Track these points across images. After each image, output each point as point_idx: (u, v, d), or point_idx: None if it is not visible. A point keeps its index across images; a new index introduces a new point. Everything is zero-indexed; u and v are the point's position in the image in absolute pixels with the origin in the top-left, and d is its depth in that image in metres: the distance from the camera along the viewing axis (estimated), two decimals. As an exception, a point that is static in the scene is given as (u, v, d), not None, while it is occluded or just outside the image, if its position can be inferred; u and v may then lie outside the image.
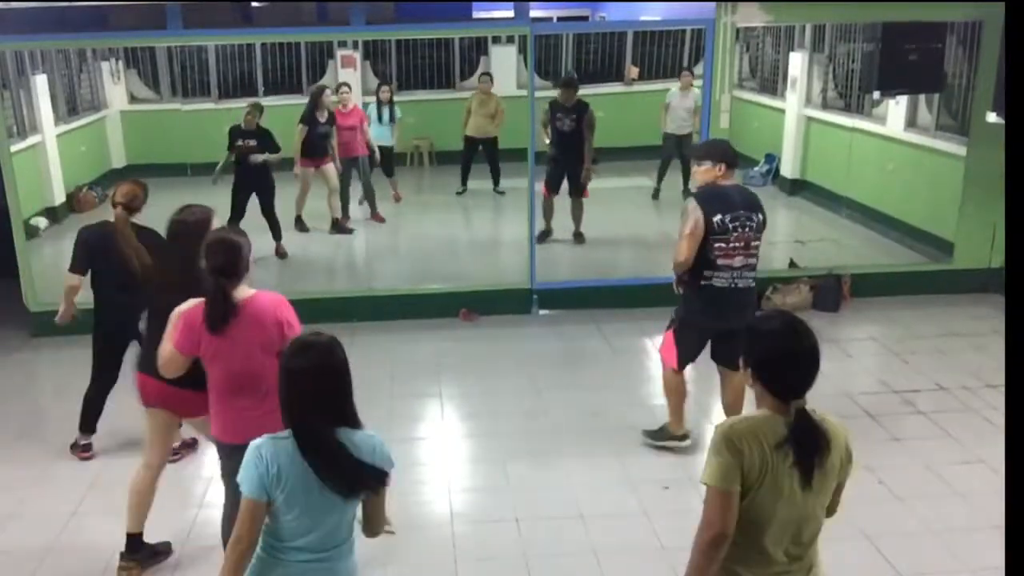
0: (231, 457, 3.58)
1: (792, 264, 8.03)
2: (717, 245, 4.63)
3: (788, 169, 10.95)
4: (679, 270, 4.77)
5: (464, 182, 11.10)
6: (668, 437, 5.21)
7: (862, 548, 4.29)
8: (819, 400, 2.59)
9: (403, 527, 2.85)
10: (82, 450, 5.37)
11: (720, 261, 4.66)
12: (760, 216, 4.72)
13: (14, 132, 9.16)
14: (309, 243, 9.94)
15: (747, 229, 4.66)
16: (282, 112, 9.80)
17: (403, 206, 10.71)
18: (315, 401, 2.57)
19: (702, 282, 4.71)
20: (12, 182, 6.97)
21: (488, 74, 11.35)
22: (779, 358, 2.48)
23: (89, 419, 5.36)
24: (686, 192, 10.51)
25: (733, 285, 4.70)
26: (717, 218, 4.61)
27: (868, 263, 8.20)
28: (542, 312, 7.53)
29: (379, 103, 10.21)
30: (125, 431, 5.56)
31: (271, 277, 8.48)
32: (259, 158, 8.49)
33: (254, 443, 2.61)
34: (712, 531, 2.42)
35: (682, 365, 5.01)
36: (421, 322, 7.30)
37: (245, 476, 2.57)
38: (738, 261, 4.67)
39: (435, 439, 5.52)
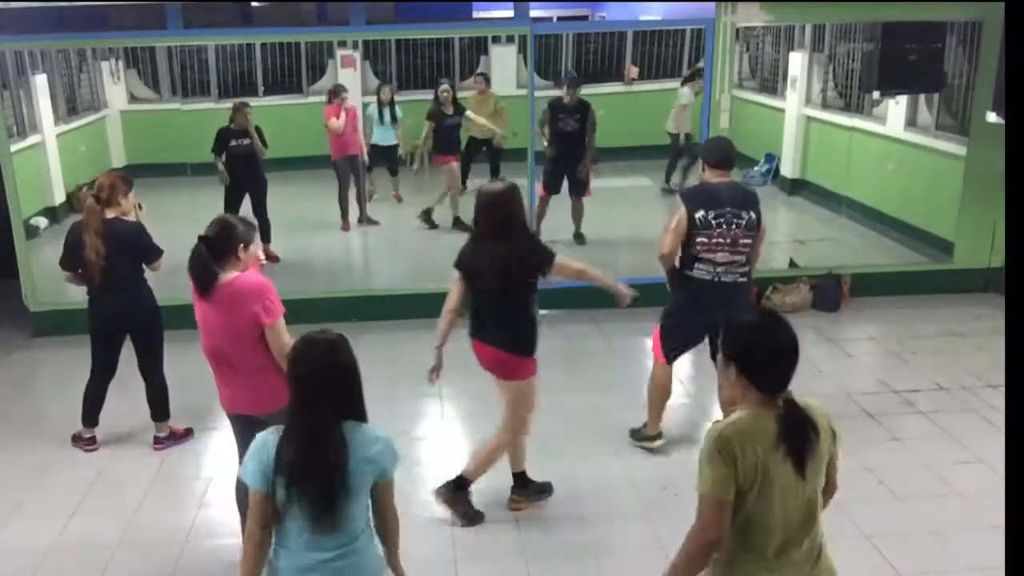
0: (234, 425, 4.07)
1: (792, 264, 8.03)
2: (699, 240, 4.73)
3: (788, 169, 10.95)
4: (663, 263, 4.91)
5: (463, 182, 11.09)
6: (642, 437, 5.25)
7: (862, 548, 4.29)
8: (819, 400, 2.60)
9: (403, 527, 2.85)
10: (86, 443, 5.41)
11: (702, 255, 4.76)
12: (751, 214, 4.76)
13: (14, 132, 9.16)
14: (309, 242, 9.95)
15: (733, 227, 4.72)
16: (282, 112, 9.79)
17: (403, 206, 10.71)
18: (320, 397, 2.58)
19: (685, 273, 4.84)
20: (12, 182, 6.97)
21: (482, 75, 11.34)
22: (765, 351, 2.51)
23: (90, 413, 5.40)
24: (666, 188, 10.59)
25: (715, 279, 4.77)
26: (700, 214, 4.72)
27: (868, 263, 8.20)
28: (542, 312, 7.48)
29: (380, 104, 10.19)
30: (125, 431, 5.57)
31: (269, 277, 8.49)
32: (244, 141, 8.40)
33: (260, 435, 2.65)
34: (705, 537, 2.46)
35: (669, 358, 5.06)
36: (421, 322, 7.26)
37: (248, 468, 2.59)
38: (721, 257, 4.75)
39: (435, 439, 5.52)
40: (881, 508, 4.62)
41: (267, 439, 2.61)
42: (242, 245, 3.76)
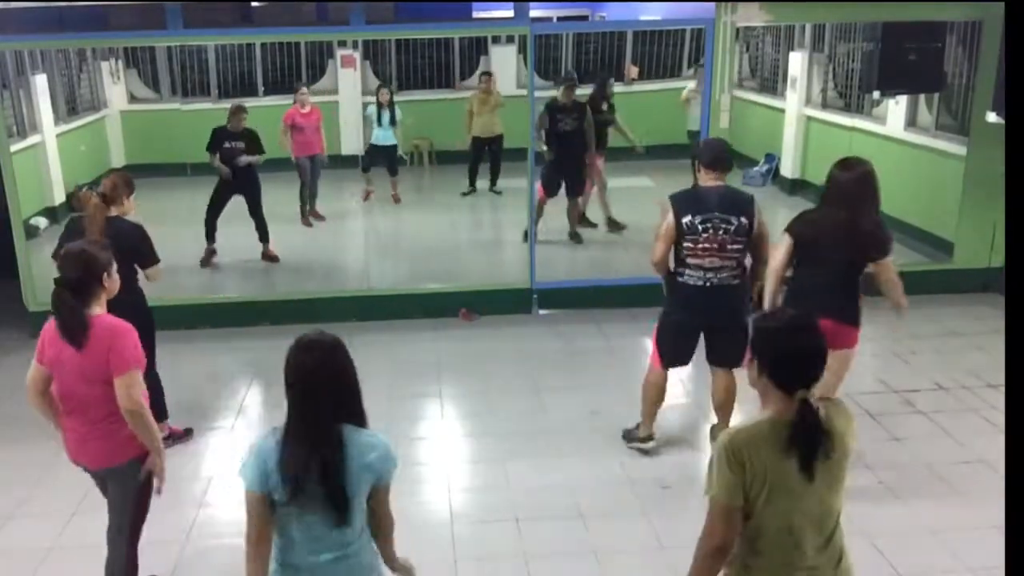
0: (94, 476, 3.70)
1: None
2: (686, 245, 4.69)
3: (788, 169, 10.95)
4: (656, 270, 4.88)
5: (472, 183, 11.05)
6: (634, 439, 5.25)
7: (862, 548, 4.29)
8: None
9: (403, 527, 2.85)
10: None
11: (690, 260, 4.71)
12: (741, 219, 4.65)
13: (14, 132, 9.16)
14: (310, 242, 9.95)
15: (720, 232, 4.65)
16: (282, 112, 9.78)
17: (403, 206, 10.71)
18: (318, 399, 2.57)
19: (677, 279, 4.80)
20: (12, 182, 6.97)
21: (488, 73, 11.34)
22: (787, 352, 2.50)
23: None
24: None
25: (706, 284, 4.72)
26: (687, 219, 4.67)
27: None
28: (542, 312, 7.53)
29: (379, 105, 10.19)
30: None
31: (270, 277, 8.49)
32: (244, 160, 8.40)
33: (260, 437, 2.65)
34: (713, 542, 2.47)
35: (665, 364, 5.02)
36: (421, 322, 7.30)
37: (247, 470, 2.59)
38: (709, 262, 4.68)
39: (435, 439, 5.52)
40: (881, 508, 4.61)
41: (267, 441, 2.60)
42: (105, 273, 3.48)
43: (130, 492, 3.58)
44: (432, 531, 4.50)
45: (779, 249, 4.61)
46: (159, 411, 5.38)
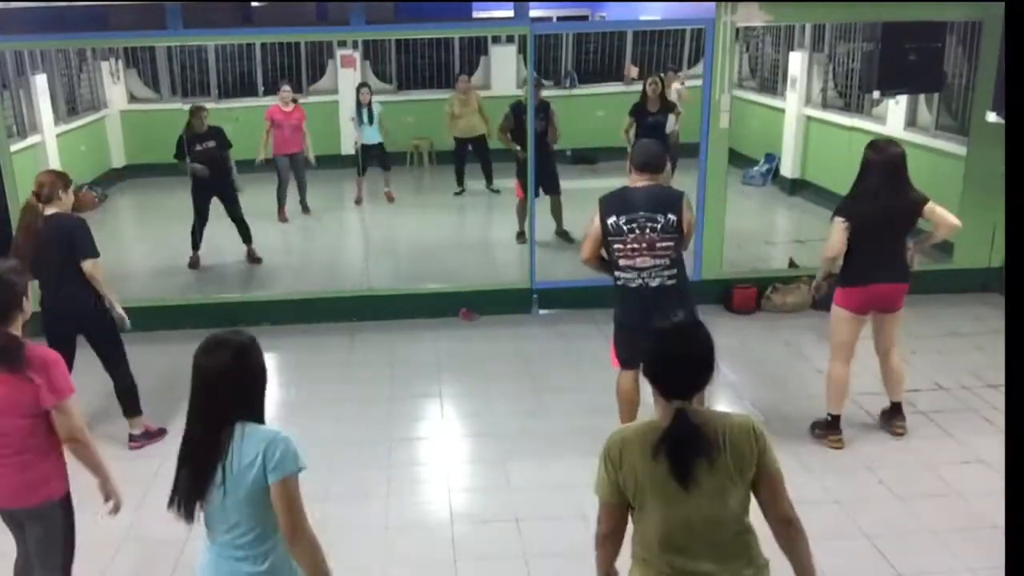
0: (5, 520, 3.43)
1: (792, 264, 8.03)
2: (615, 246, 4.72)
3: (788, 169, 10.95)
4: (588, 266, 4.99)
5: (460, 182, 11.12)
6: None
7: (862, 548, 4.29)
8: (820, 400, 2.60)
9: (403, 527, 2.85)
10: None
11: (622, 262, 4.74)
12: (669, 216, 4.63)
13: (14, 132, 9.17)
14: (310, 242, 9.96)
15: (647, 231, 4.65)
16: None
17: (403, 206, 10.72)
18: (213, 398, 2.60)
19: (617, 282, 4.86)
20: (12, 182, 6.97)
21: (465, 74, 11.36)
22: (661, 357, 2.55)
23: None
24: None
25: (644, 284, 4.74)
26: (611, 220, 4.69)
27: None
28: (542, 312, 7.53)
29: (358, 105, 10.24)
30: (125, 431, 5.56)
31: (270, 277, 8.49)
32: (209, 144, 8.39)
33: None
34: (600, 530, 2.66)
35: (624, 364, 5.02)
36: (421, 322, 7.30)
37: None
38: (641, 262, 4.69)
39: (435, 439, 5.52)
40: (881, 508, 4.61)
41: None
42: (24, 297, 3.30)
43: (56, 536, 3.36)
44: (432, 531, 4.50)
45: (836, 234, 4.97)
46: (134, 409, 5.40)
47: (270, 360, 2.92)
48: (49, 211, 5.01)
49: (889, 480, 4.86)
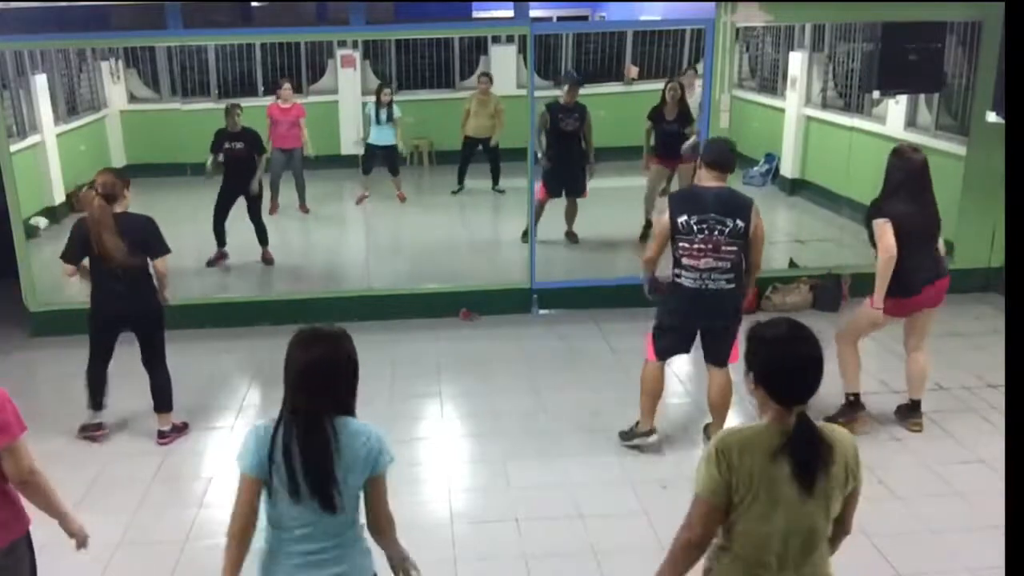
0: None
1: (792, 264, 8.03)
2: (681, 245, 4.74)
3: (788, 169, 10.94)
4: (645, 268, 4.97)
5: (461, 181, 11.10)
6: (632, 436, 5.25)
7: (862, 548, 4.29)
8: (819, 400, 2.60)
9: (403, 527, 2.85)
10: (93, 429, 5.46)
11: (685, 261, 4.76)
12: (737, 222, 4.69)
13: (14, 132, 9.15)
14: (310, 242, 9.96)
15: (716, 233, 4.68)
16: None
17: (403, 206, 10.71)
18: (319, 387, 2.60)
19: (674, 280, 4.84)
20: (12, 182, 6.97)
21: (487, 74, 11.35)
22: (783, 366, 2.47)
23: (94, 397, 5.45)
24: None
25: (703, 287, 4.75)
26: (682, 219, 4.71)
27: (868, 263, 8.14)
28: (542, 312, 7.53)
29: (378, 104, 10.20)
30: (125, 432, 5.57)
31: (270, 277, 8.49)
32: (237, 144, 8.39)
33: (257, 424, 2.67)
34: (690, 534, 2.50)
35: (658, 356, 5.07)
36: (421, 322, 7.30)
37: (242, 451, 2.62)
38: (704, 263, 4.71)
39: (435, 439, 5.52)
40: (881, 508, 4.61)
41: (263, 427, 2.64)
42: None
43: (24, 573, 3.19)
44: (432, 531, 4.50)
45: (886, 235, 4.94)
46: (167, 404, 5.43)
47: (270, 360, 2.91)
48: (117, 210, 5.05)
49: (889, 480, 4.86)
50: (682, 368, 6.22)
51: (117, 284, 5.14)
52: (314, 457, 2.55)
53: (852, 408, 5.30)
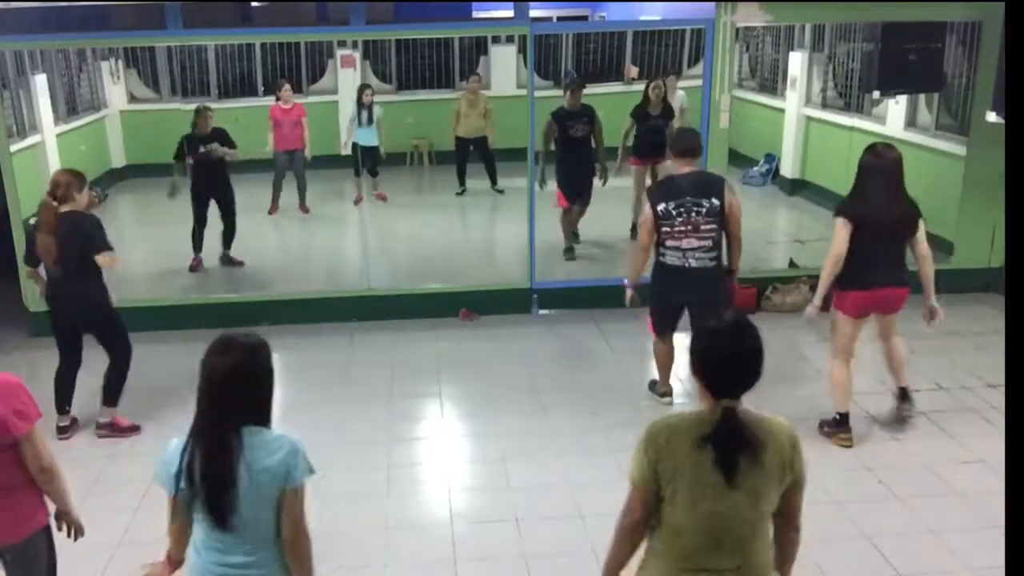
0: None
1: (792, 264, 8.03)
2: (664, 230, 5.20)
3: (788, 169, 10.95)
4: (632, 264, 5.52)
5: (462, 183, 11.11)
6: (655, 391, 5.86)
7: (862, 548, 4.29)
8: (819, 400, 2.60)
9: (403, 527, 2.85)
10: (58, 432, 5.43)
11: (668, 242, 5.21)
12: (712, 201, 5.14)
13: (14, 132, 9.16)
14: (310, 243, 9.96)
15: (693, 214, 5.14)
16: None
17: (403, 206, 10.73)
18: (225, 400, 2.53)
19: (659, 259, 5.30)
20: (12, 182, 6.97)
21: (477, 74, 11.36)
22: (717, 358, 2.49)
23: (60, 400, 5.47)
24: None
25: (685, 264, 5.21)
26: (661, 207, 5.16)
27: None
28: (542, 312, 7.53)
29: (359, 105, 10.19)
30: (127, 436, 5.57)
31: (270, 277, 8.49)
32: (219, 151, 8.25)
33: (173, 440, 2.62)
34: (627, 519, 2.58)
35: (660, 333, 5.60)
36: (421, 322, 7.30)
37: (158, 472, 2.61)
38: (686, 243, 5.17)
39: (435, 439, 5.52)
40: (881, 508, 4.61)
41: (175, 443, 2.60)
42: None
43: (41, 566, 3.23)
44: (432, 531, 4.49)
45: (839, 234, 4.96)
46: (112, 398, 5.47)
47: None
48: (64, 209, 5.08)
49: (889, 480, 4.86)
50: (682, 368, 6.22)
51: (59, 285, 5.23)
52: (212, 471, 2.49)
53: (838, 425, 5.25)
